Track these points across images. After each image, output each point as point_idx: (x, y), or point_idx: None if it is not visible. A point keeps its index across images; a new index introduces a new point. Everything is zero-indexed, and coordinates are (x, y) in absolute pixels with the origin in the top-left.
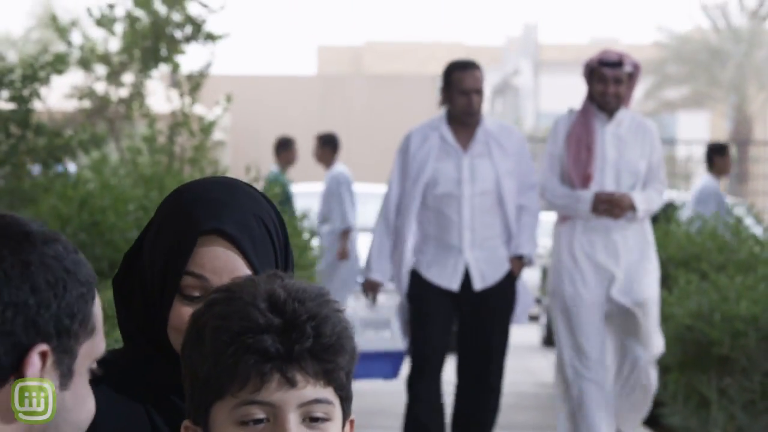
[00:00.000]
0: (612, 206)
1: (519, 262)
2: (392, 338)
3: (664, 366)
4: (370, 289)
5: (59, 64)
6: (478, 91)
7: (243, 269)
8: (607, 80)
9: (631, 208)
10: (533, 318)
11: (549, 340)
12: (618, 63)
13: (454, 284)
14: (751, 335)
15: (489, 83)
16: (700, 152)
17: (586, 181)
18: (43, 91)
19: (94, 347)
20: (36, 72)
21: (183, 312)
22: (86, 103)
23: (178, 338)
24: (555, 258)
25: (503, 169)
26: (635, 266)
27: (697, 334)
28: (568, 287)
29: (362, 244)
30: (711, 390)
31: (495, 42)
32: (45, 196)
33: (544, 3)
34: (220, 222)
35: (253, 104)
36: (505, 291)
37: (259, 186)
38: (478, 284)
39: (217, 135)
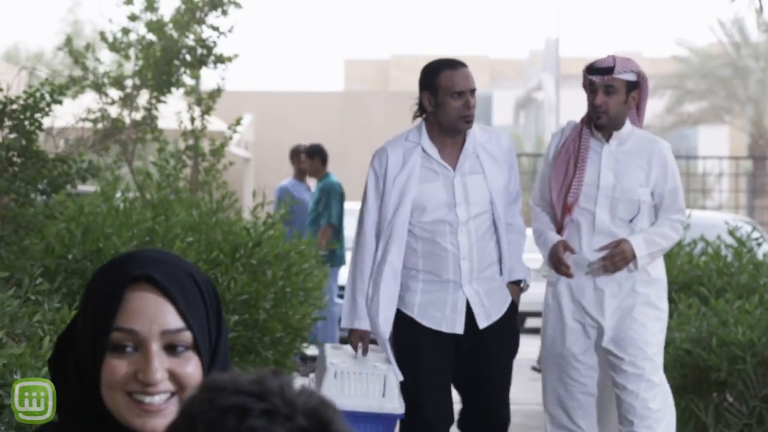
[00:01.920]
0: (614, 261)
1: (516, 288)
2: (387, 397)
3: None
4: (358, 340)
5: (58, 94)
6: (473, 92)
7: (173, 317)
8: (596, 89)
9: (631, 258)
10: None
11: None
12: (608, 69)
13: (458, 327)
14: (748, 361)
15: (513, 97)
16: (717, 167)
17: (566, 211)
18: (60, 109)
19: None
20: (37, 103)
21: (115, 366)
22: (99, 126)
23: (112, 397)
24: (545, 297)
25: (498, 186)
26: (625, 314)
27: (696, 359)
28: (550, 332)
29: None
30: (708, 415)
31: (519, 55)
32: (49, 223)
33: (568, 16)
34: (149, 270)
35: (276, 120)
36: (508, 326)
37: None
38: (483, 322)
39: (241, 152)
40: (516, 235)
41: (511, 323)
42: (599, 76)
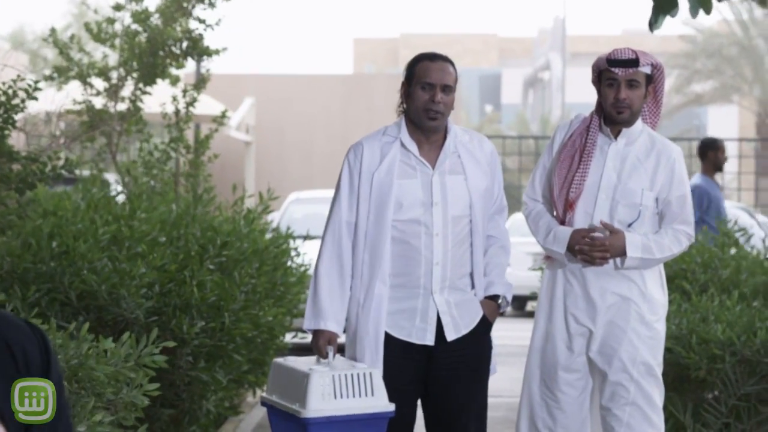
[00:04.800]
0: (592, 250)
1: (493, 304)
2: (377, 396)
3: None
4: (326, 342)
5: (33, 90)
6: (446, 89)
7: None
8: (619, 83)
9: (621, 254)
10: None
11: None
12: (632, 61)
13: (429, 338)
14: (727, 359)
15: (522, 75)
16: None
17: (567, 208)
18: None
19: None
20: (10, 99)
21: None
22: (84, 118)
23: None
24: (538, 301)
25: (478, 189)
26: (615, 326)
27: (676, 356)
28: (538, 340)
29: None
30: (687, 414)
31: (528, 33)
32: (20, 223)
33: None
34: None
35: (278, 103)
36: (480, 342)
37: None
38: (452, 334)
39: (242, 135)
40: (499, 248)
41: (483, 342)
42: (623, 69)
